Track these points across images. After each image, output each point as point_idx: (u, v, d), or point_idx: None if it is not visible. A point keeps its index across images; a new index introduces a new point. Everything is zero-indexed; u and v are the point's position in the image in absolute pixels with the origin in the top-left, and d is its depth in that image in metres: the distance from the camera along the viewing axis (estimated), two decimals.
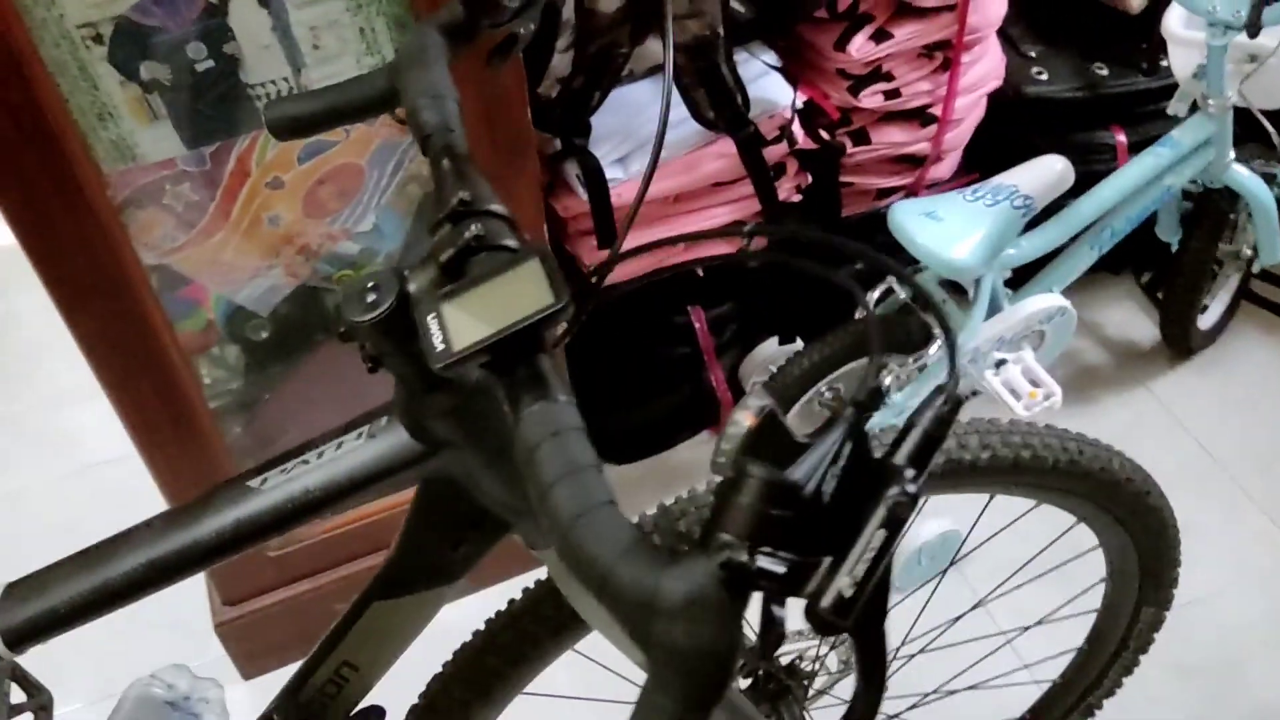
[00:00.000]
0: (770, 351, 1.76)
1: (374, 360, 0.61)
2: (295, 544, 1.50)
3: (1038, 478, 0.92)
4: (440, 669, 0.90)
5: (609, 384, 1.73)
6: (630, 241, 1.57)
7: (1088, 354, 1.99)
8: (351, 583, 1.50)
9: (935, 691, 1.29)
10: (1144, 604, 1.13)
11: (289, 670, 0.81)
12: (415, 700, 0.93)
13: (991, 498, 0.97)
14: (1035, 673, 1.39)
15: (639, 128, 1.46)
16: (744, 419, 0.48)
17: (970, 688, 1.29)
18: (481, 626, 0.88)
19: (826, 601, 0.45)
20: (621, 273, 1.58)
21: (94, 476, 1.86)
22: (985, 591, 1.28)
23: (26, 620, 0.66)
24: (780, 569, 0.45)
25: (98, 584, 0.66)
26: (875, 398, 0.50)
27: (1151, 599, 1.12)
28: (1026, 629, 1.34)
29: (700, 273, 1.63)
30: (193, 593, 1.59)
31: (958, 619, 1.26)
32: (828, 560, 0.45)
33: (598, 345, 1.63)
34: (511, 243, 0.58)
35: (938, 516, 1.60)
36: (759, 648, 0.49)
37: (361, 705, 0.80)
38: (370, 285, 0.58)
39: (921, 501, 0.49)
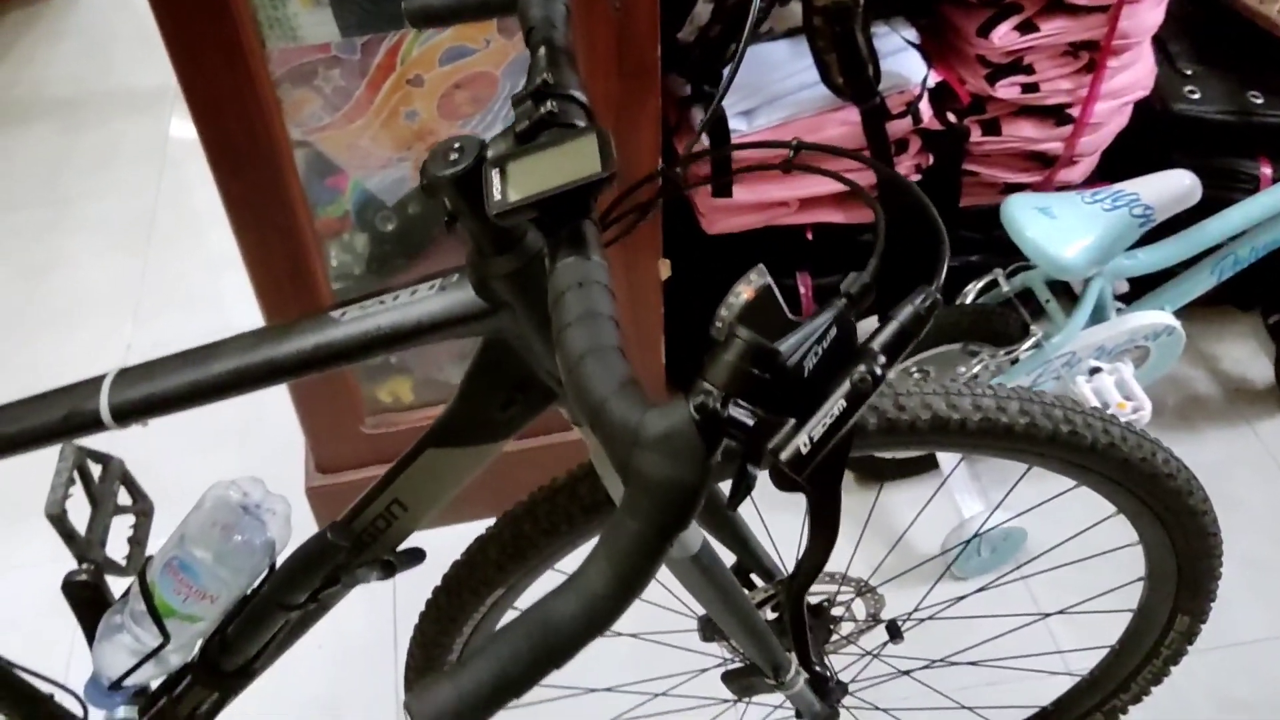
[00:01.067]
0: (867, 327, 1.79)
1: (451, 217, 0.69)
2: (390, 427, 1.61)
3: (1075, 455, 0.93)
4: (483, 532, 0.98)
5: (707, 331, 1.79)
6: (742, 195, 1.63)
7: (1197, 383, 1.96)
8: None
9: (963, 652, 1.31)
10: (1179, 611, 1.13)
11: None
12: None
13: (1029, 469, 0.99)
14: (1069, 661, 1.40)
15: (769, 85, 1.51)
16: (743, 291, 0.53)
17: (993, 662, 1.31)
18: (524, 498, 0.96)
19: (785, 455, 0.50)
20: (734, 225, 1.65)
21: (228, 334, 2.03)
22: (1026, 569, 1.30)
23: (132, 401, 0.76)
24: (749, 421, 0.50)
25: (195, 379, 0.75)
26: (866, 293, 0.55)
27: (1187, 606, 1.12)
28: (1060, 612, 1.36)
29: (810, 236, 1.67)
30: (291, 456, 1.72)
31: (984, 588, 1.28)
32: (792, 421, 0.51)
33: (703, 290, 1.69)
34: (581, 123, 0.65)
35: (1004, 510, 1.62)
36: (728, 501, 0.55)
37: (405, 545, 0.89)
38: (455, 146, 0.66)
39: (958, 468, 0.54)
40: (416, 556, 0.88)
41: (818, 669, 0.82)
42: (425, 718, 0.48)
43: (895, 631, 1.14)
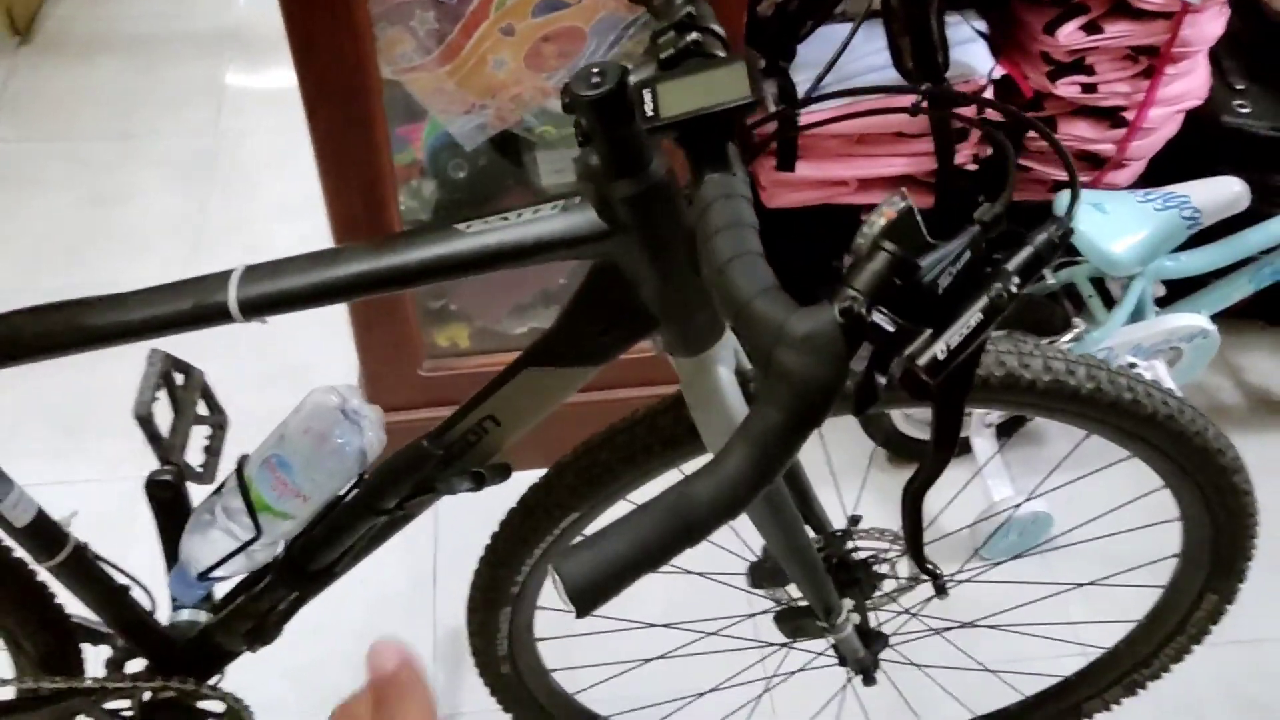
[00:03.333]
0: None
1: (585, 136, 0.73)
2: (447, 370, 1.65)
3: (1134, 424, 0.98)
4: (561, 458, 1.02)
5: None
6: (805, 170, 1.67)
7: (1223, 392, 2.00)
8: None
9: (993, 616, 1.36)
10: (1208, 589, 1.17)
11: None
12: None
13: (1087, 436, 1.03)
14: (1095, 633, 1.45)
15: (842, 64, 1.54)
16: (887, 212, 0.58)
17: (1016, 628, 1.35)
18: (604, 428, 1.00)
19: (923, 361, 0.54)
20: (793, 200, 1.69)
21: None
22: (1065, 540, 1.34)
23: (259, 295, 0.80)
24: (890, 327, 0.54)
25: (320, 280, 0.79)
26: (999, 220, 0.59)
27: (1218, 586, 1.17)
28: (1092, 583, 1.41)
29: (864, 216, 1.72)
30: None
31: (1019, 556, 1.31)
32: (929, 331, 0.55)
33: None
34: (722, 54, 0.69)
35: (1034, 498, 1.66)
36: (855, 407, 0.59)
37: (495, 460, 0.93)
38: (597, 70, 0.70)
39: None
40: (505, 472, 0.92)
41: (929, 567, 0.86)
42: (571, 577, 0.53)
43: (940, 588, 1.19)
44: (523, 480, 1.03)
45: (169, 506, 1.07)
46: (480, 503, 1.02)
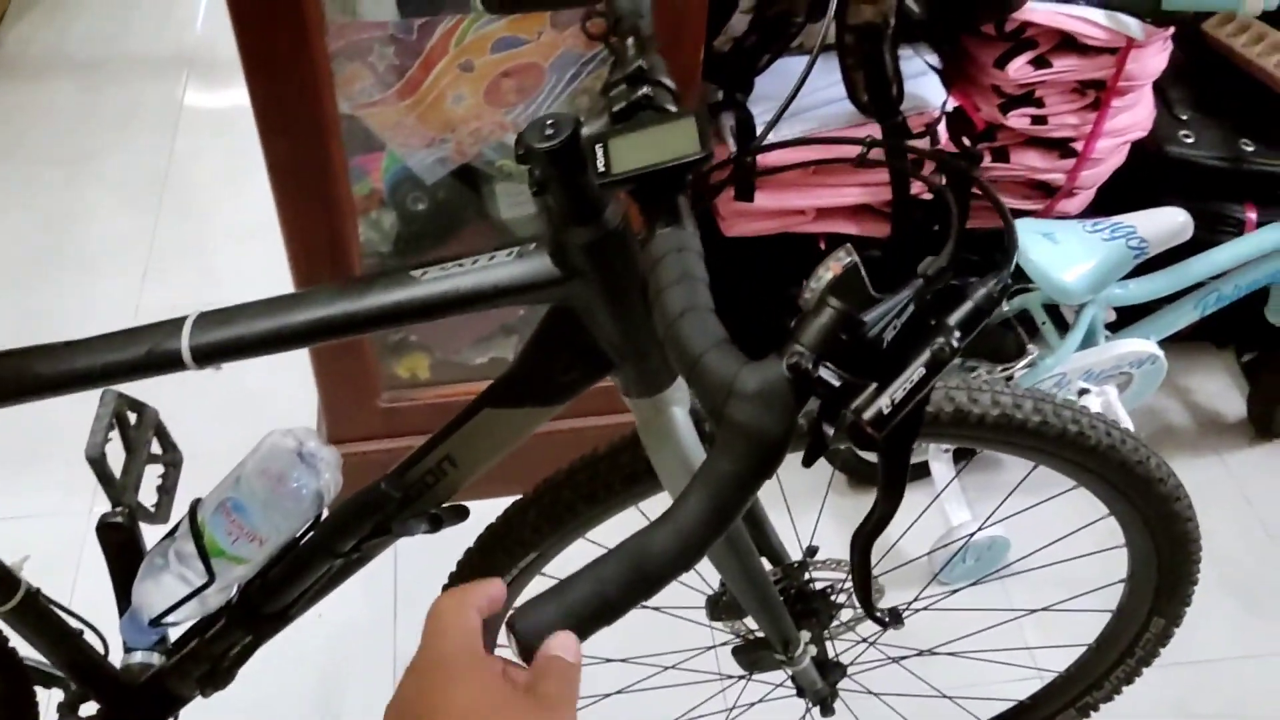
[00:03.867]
0: None
1: (540, 185, 0.73)
2: (406, 401, 1.65)
3: (1080, 455, 1.00)
4: (520, 496, 1.03)
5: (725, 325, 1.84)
6: (763, 200, 1.69)
7: (1172, 414, 2.04)
8: None
9: (948, 643, 1.38)
10: (1156, 613, 1.20)
11: None
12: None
13: (1035, 467, 1.05)
14: (1046, 658, 1.47)
15: (796, 99, 1.56)
16: (833, 266, 0.59)
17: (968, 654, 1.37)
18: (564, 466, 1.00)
19: (868, 415, 0.55)
20: (751, 229, 1.71)
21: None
22: (1015, 567, 1.36)
23: (213, 342, 0.79)
24: (836, 382, 0.55)
25: (276, 326, 0.79)
26: (942, 274, 0.61)
27: (1164, 610, 1.19)
28: (1045, 609, 1.43)
29: (823, 246, 1.74)
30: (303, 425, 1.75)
31: (976, 583, 1.34)
32: (874, 385, 0.56)
33: (715, 292, 1.74)
34: (673, 109, 0.70)
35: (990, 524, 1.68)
36: (804, 458, 0.60)
37: (452, 501, 0.93)
38: (550, 121, 0.71)
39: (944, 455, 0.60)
40: (461, 513, 0.92)
41: (877, 615, 0.88)
42: (528, 636, 0.53)
43: (896, 616, 1.20)
44: (477, 509, 1.03)
45: (121, 549, 1.05)
46: (441, 535, 1.02)
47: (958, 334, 0.57)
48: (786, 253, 1.72)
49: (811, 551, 1.15)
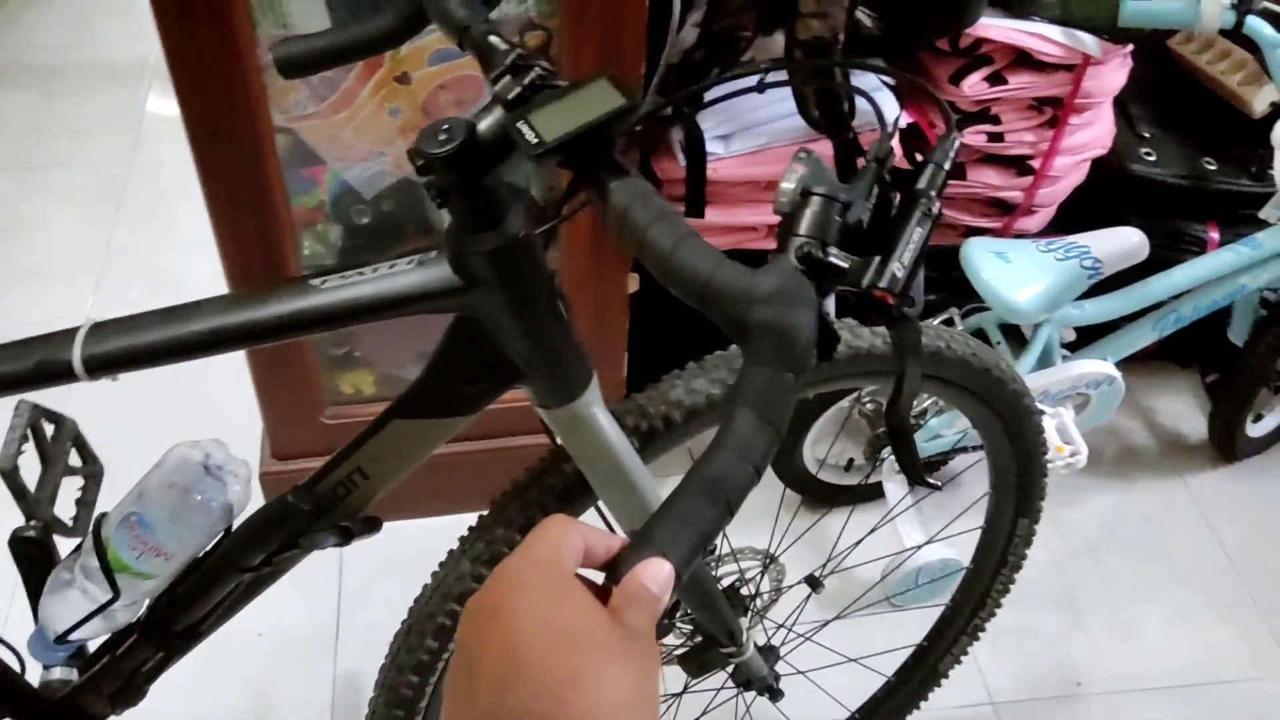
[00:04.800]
0: None
1: (441, 194, 0.71)
2: (349, 418, 1.62)
3: (944, 370, 1.08)
4: (455, 547, 0.99)
5: (669, 348, 1.81)
6: (714, 217, 1.68)
7: (1134, 434, 2.02)
8: None
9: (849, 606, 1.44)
10: (1019, 515, 1.28)
11: None
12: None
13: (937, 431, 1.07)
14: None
15: (746, 112, 1.55)
16: (799, 167, 0.61)
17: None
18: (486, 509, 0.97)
19: (884, 283, 0.57)
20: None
21: None
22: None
23: (106, 353, 0.77)
24: (844, 264, 0.58)
25: (171, 337, 0.77)
26: (890, 153, 0.64)
27: (1025, 509, 1.27)
28: (929, 541, 1.54)
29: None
30: (247, 441, 1.72)
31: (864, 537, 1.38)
32: (877, 259, 0.58)
33: (669, 307, 1.72)
34: (564, 82, 0.69)
35: (945, 546, 1.66)
36: (818, 352, 0.59)
37: (364, 513, 0.90)
38: (444, 127, 0.69)
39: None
40: (373, 525, 0.90)
41: (924, 478, 0.87)
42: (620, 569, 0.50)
43: (815, 583, 1.25)
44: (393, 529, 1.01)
45: (35, 563, 1.03)
46: (384, 549, 0.99)
47: (933, 194, 0.61)
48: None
49: (710, 550, 1.14)
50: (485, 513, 0.98)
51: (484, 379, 0.83)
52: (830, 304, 0.60)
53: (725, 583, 1.13)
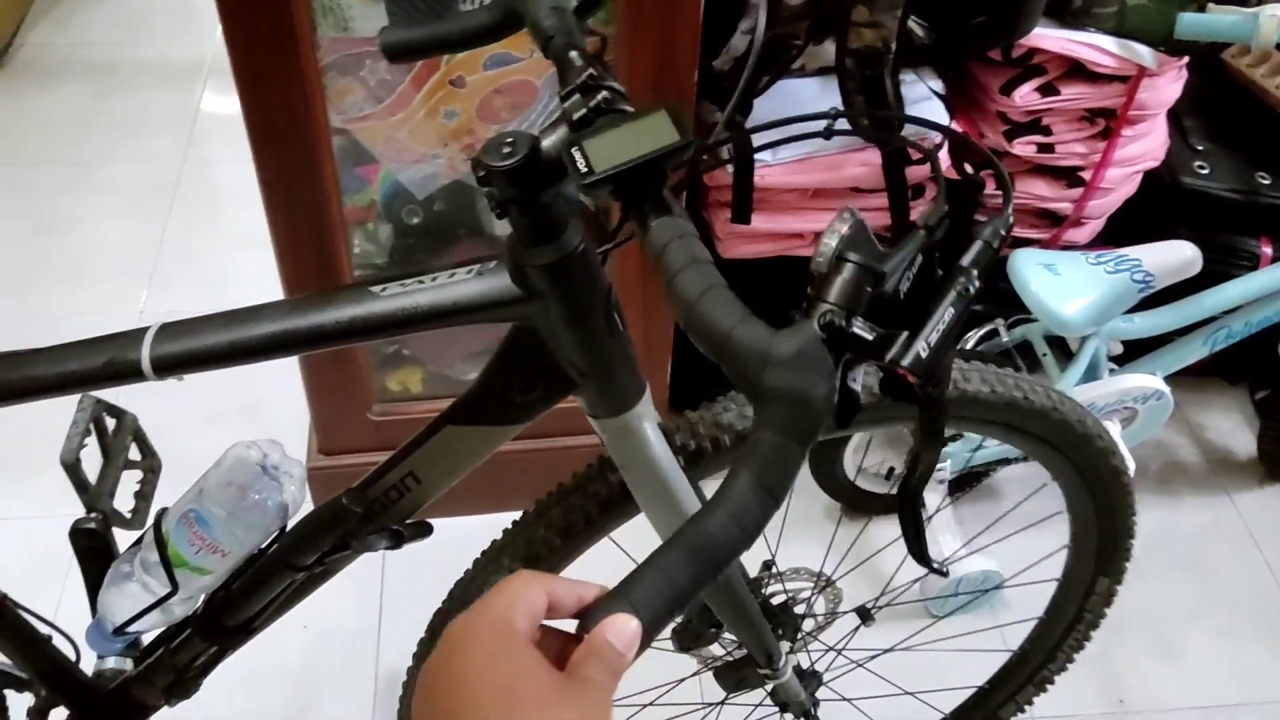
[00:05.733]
0: None
1: (501, 206, 0.72)
2: (398, 414, 1.64)
3: (1024, 421, 1.04)
4: (497, 539, 1.01)
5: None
6: (760, 223, 1.68)
7: (1182, 450, 2.00)
8: None
9: (908, 639, 1.41)
10: (1099, 573, 1.23)
11: None
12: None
13: (983, 442, 1.05)
14: (1005, 637, 1.49)
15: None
16: (840, 227, 0.59)
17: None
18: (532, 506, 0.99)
19: (908, 361, 0.55)
20: (749, 251, 1.69)
21: None
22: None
23: (173, 354, 0.79)
24: (869, 335, 0.56)
25: (235, 339, 0.79)
26: (941, 222, 0.62)
27: (1106, 568, 1.22)
28: (996, 588, 1.51)
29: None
30: (295, 436, 1.75)
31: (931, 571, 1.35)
32: (905, 334, 0.56)
33: None
34: (630, 109, 0.69)
35: (984, 557, 1.66)
36: (837, 417, 0.59)
37: (416, 517, 0.92)
38: (508, 139, 0.70)
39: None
40: (425, 530, 0.91)
41: (929, 560, 0.87)
42: (589, 620, 0.51)
43: (866, 615, 1.22)
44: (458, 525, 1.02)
45: (94, 555, 1.05)
46: (428, 545, 1.01)
47: (974, 272, 0.59)
48: (785, 276, 1.71)
49: (768, 565, 1.14)
50: (527, 510, 1.00)
51: (538, 388, 0.83)
52: (859, 372, 0.58)
53: (777, 600, 1.14)
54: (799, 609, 1.16)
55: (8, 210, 2.39)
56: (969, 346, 1.70)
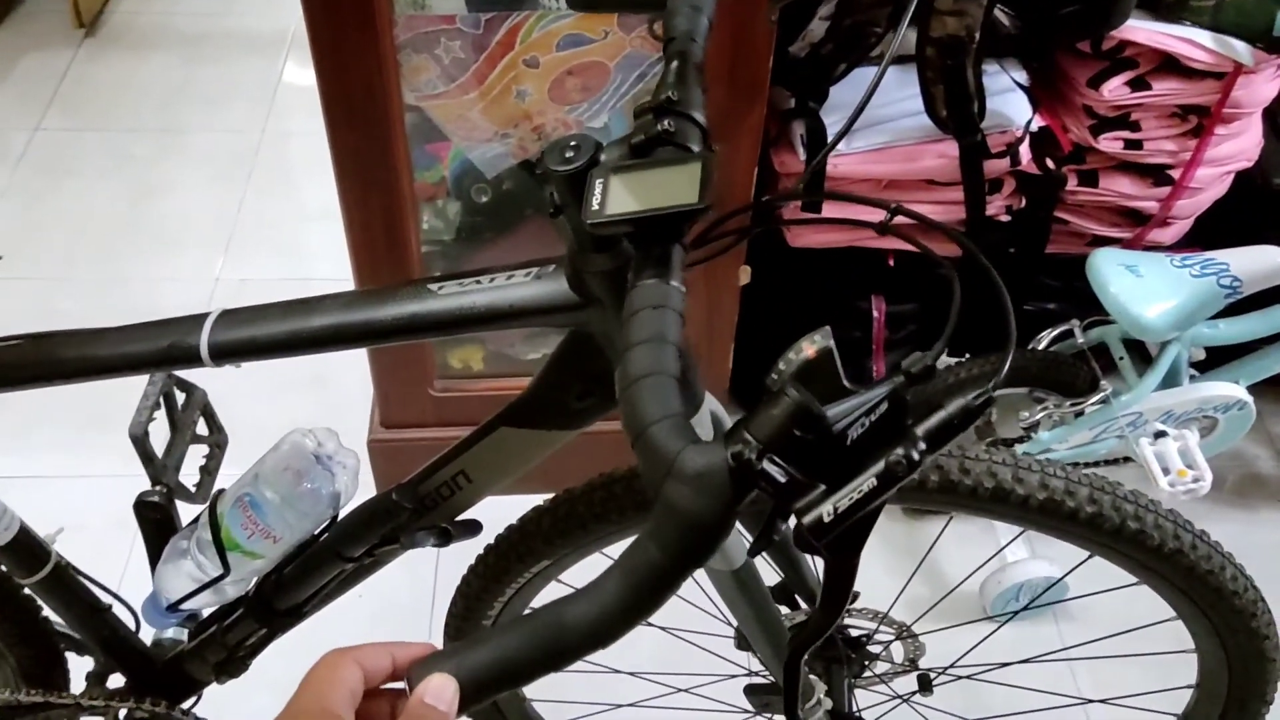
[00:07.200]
0: (940, 360, 1.79)
1: (557, 209, 0.71)
2: (458, 391, 1.65)
3: (1140, 554, 0.92)
4: (540, 503, 1.01)
5: (779, 340, 1.79)
6: (830, 212, 1.64)
7: (1261, 462, 1.93)
8: None
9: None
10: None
11: None
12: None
13: (1090, 556, 0.97)
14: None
15: (873, 108, 1.51)
16: (805, 348, 0.54)
17: None
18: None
19: (808, 519, 0.50)
20: (818, 240, 1.66)
21: (308, 285, 2.08)
22: (1072, 646, 1.28)
23: (231, 341, 0.79)
24: (780, 478, 0.50)
25: (292, 330, 0.79)
26: (926, 375, 0.55)
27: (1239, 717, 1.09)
28: (1104, 701, 1.34)
29: (891, 262, 1.68)
30: (358, 409, 1.76)
31: (1028, 661, 1.27)
32: (822, 487, 0.51)
33: (780, 301, 1.70)
34: (696, 146, 0.67)
35: (1050, 562, 1.62)
36: (750, 547, 0.56)
37: (465, 515, 0.92)
38: (572, 143, 0.68)
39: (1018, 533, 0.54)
40: (473, 528, 0.91)
41: None
42: (414, 678, 0.52)
43: (926, 684, 1.15)
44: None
45: (158, 527, 1.07)
46: (486, 527, 1.02)
47: (922, 446, 0.51)
48: (854, 267, 1.68)
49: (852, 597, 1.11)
50: (578, 486, 0.99)
51: (592, 395, 0.82)
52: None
53: (853, 634, 1.11)
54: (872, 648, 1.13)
55: (98, 175, 2.44)
56: (1041, 347, 1.65)
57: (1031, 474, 0.89)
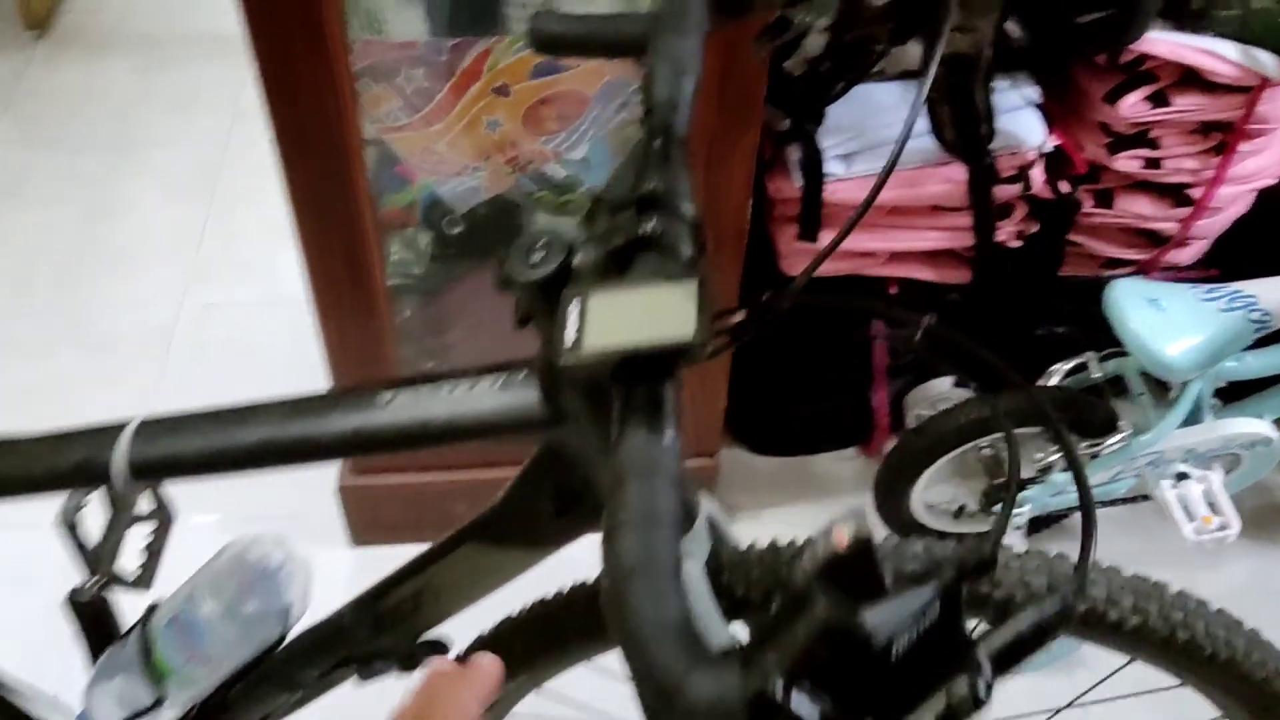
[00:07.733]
0: (941, 389, 1.69)
1: (523, 317, 0.60)
2: None
3: (1188, 663, 0.83)
4: (512, 614, 0.90)
5: (776, 372, 1.70)
6: (829, 240, 1.53)
7: None
8: (477, 488, 1.53)
9: None
10: None
11: (393, 548, 0.81)
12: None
13: (1131, 659, 0.87)
14: None
15: (874, 129, 1.40)
16: (838, 538, 0.43)
17: None
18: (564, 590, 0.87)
19: None
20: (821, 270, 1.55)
21: (277, 309, 1.95)
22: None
23: (153, 459, 0.68)
24: (812, 715, 0.40)
25: (221, 446, 0.68)
26: (984, 567, 0.45)
27: None
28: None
29: (894, 290, 1.58)
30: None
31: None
32: None
33: (776, 341, 1.60)
34: (686, 250, 0.56)
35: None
36: None
37: (429, 635, 0.81)
38: (539, 244, 0.58)
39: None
40: (439, 649, 0.81)
41: None
42: None
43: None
44: None
45: (95, 622, 0.96)
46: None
47: (988, 673, 0.41)
48: (853, 295, 1.57)
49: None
50: (557, 593, 0.87)
51: (569, 514, 0.72)
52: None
53: None
54: None
55: (53, 195, 2.30)
56: (1053, 382, 1.55)
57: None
